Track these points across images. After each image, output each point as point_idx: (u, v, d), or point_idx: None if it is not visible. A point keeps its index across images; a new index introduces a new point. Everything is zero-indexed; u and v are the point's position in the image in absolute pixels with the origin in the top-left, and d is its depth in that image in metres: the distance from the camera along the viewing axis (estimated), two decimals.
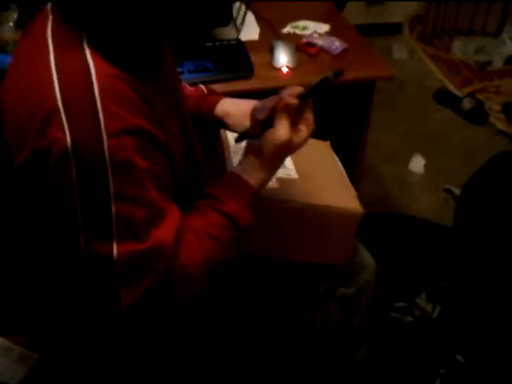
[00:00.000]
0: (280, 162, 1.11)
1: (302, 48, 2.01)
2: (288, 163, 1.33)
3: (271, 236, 1.25)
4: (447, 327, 1.92)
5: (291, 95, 1.06)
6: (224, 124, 1.37)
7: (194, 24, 0.99)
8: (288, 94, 1.07)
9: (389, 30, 4.02)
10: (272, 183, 1.19)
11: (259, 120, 1.10)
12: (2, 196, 1.10)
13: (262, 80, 1.86)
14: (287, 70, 1.90)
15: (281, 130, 1.04)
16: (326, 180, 1.35)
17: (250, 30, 2.10)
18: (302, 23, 2.18)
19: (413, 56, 3.89)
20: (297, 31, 2.15)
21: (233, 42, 1.98)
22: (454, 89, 3.48)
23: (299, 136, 1.07)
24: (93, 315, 1.19)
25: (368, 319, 1.56)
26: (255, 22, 2.17)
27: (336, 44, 2.03)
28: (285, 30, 2.15)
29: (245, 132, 1.15)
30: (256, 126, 1.10)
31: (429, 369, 1.82)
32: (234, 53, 1.94)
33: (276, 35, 2.10)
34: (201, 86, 1.46)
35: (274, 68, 1.91)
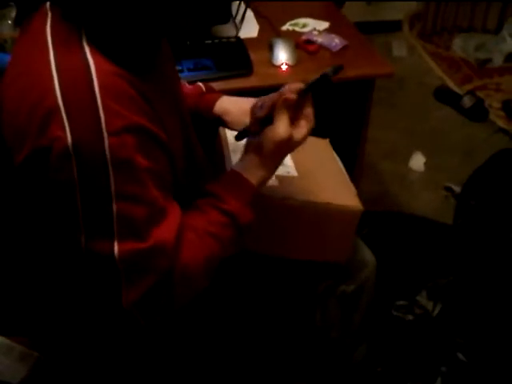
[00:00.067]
0: (280, 159, 1.10)
1: (302, 45, 2.00)
2: (287, 161, 1.33)
3: (271, 234, 1.25)
4: (448, 325, 1.92)
5: (291, 91, 1.06)
6: (223, 122, 1.36)
7: (193, 21, 0.98)
8: (287, 90, 1.06)
9: (389, 28, 4.02)
10: (271, 181, 1.19)
11: (259, 117, 1.09)
12: (2, 195, 1.10)
13: (262, 78, 1.85)
14: (286, 68, 1.89)
15: (280, 127, 1.04)
16: (326, 177, 1.35)
17: (250, 28, 2.10)
18: (302, 21, 2.18)
19: (413, 53, 3.88)
20: (296, 29, 2.14)
21: (232, 40, 1.97)
22: (454, 86, 3.48)
23: (299, 132, 1.06)
24: (94, 314, 1.19)
25: (368, 316, 1.55)
26: (254, 20, 2.16)
27: (335, 41, 2.02)
28: (284, 28, 2.15)
29: (244, 130, 1.14)
30: (256, 124, 1.09)
31: (430, 367, 1.81)
32: (234, 50, 1.93)
33: (275, 33, 2.09)
34: (199, 84, 1.46)
35: (274, 65, 1.90)
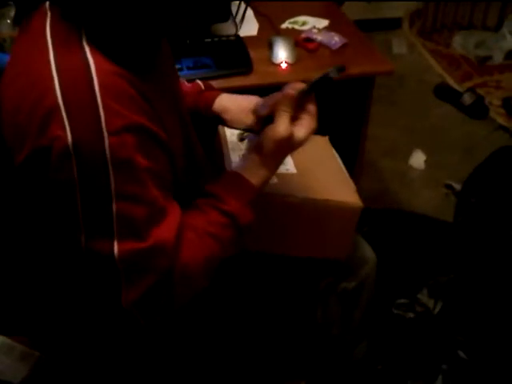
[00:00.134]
0: (281, 158, 1.10)
1: (301, 43, 2.00)
2: (287, 158, 1.32)
3: (271, 231, 1.24)
4: (449, 323, 1.92)
5: (292, 90, 1.06)
6: (222, 120, 1.36)
7: (193, 20, 0.98)
8: (289, 89, 1.06)
9: (388, 25, 4.02)
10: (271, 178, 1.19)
11: (261, 117, 1.09)
12: (3, 195, 1.10)
13: (261, 76, 1.85)
14: (286, 66, 1.89)
15: (280, 126, 1.04)
16: (325, 174, 1.35)
17: (249, 26, 2.10)
18: (301, 19, 2.18)
19: (413, 51, 3.88)
20: (296, 27, 2.14)
21: (232, 38, 1.97)
22: (454, 84, 3.48)
23: (300, 131, 1.06)
24: (94, 313, 1.19)
25: (369, 313, 1.55)
26: (254, 18, 2.16)
27: (335, 39, 2.02)
28: (284, 26, 2.14)
29: (247, 129, 1.14)
30: (258, 123, 1.09)
31: (431, 365, 1.81)
32: (233, 49, 1.93)
33: (275, 31, 2.09)
34: (198, 82, 1.45)
35: (273, 64, 1.90)
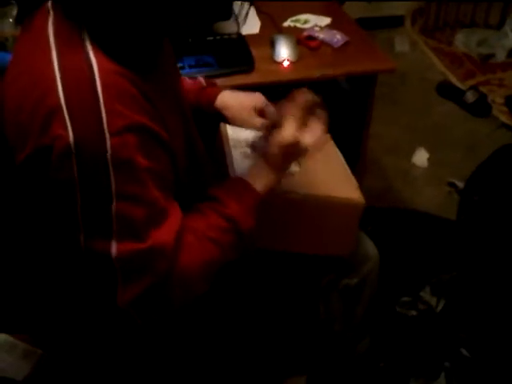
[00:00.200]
0: (286, 164, 1.10)
1: (303, 41, 2.00)
2: None
3: (273, 228, 1.24)
4: (451, 321, 1.92)
5: (302, 98, 1.06)
6: (223, 116, 1.36)
7: (195, 19, 0.98)
8: (299, 97, 1.06)
9: (391, 23, 4.01)
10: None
11: (272, 122, 1.09)
12: (3, 193, 1.10)
13: (263, 74, 1.85)
14: (288, 64, 1.89)
15: (286, 131, 1.04)
16: (327, 171, 1.34)
17: (251, 24, 2.09)
18: (303, 17, 2.18)
19: (415, 49, 3.87)
20: (298, 25, 2.14)
21: (233, 37, 1.97)
22: (457, 81, 3.47)
23: (307, 137, 1.06)
24: (94, 312, 1.19)
25: (372, 312, 1.55)
26: (256, 16, 2.16)
27: (337, 37, 2.02)
28: (285, 24, 2.14)
29: (257, 138, 1.14)
30: (269, 130, 1.09)
31: (433, 362, 1.81)
32: (235, 47, 1.93)
33: (277, 29, 2.09)
34: (200, 79, 1.45)
35: (275, 62, 1.90)
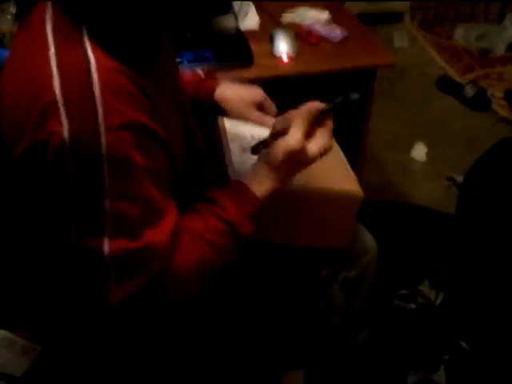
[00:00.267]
0: (289, 172, 1.09)
1: (303, 36, 2.00)
2: None
3: (270, 220, 1.22)
4: (450, 314, 1.92)
5: (311, 107, 1.06)
6: (221, 109, 1.36)
7: (194, 14, 0.98)
8: (308, 107, 1.06)
9: (390, 19, 4.00)
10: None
11: (277, 130, 1.09)
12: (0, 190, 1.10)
13: (262, 69, 1.85)
14: (287, 59, 1.89)
15: (293, 138, 1.03)
16: (325, 164, 1.33)
17: (250, 19, 2.09)
18: (303, 11, 2.17)
19: (414, 44, 3.87)
20: (297, 20, 2.13)
21: (232, 31, 1.96)
22: (456, 76, 3.47)
23: (314, 146, 1.05)
24: (90, 309, 1.18)
25: (371, 304, 1.55)
26: (255, 11, 2.15)
27: (336, 32, 2.02)
28: (285, 19, 2.14)
29: (262, 142, 1.14)
30: (274, 137, 1.09)
31: (433, 356, 1.82)
32: (234, 42, 1.92)
33: (276, 24, 2.08)
34: (198, 71, 1.45)
35: (274, 57, 1.90)
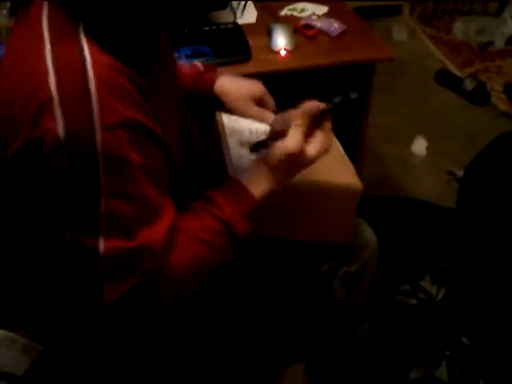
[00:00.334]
0: (288, 174, 1.09)
1: (300, 30, 1.99)
2: None
3: (269, 215, 1.21)
4: (452, 309, 1.92)
5: (309, 108, 1.04)
6: (220, 102, 1.34)
7: (191, 9, 0.97)
8: (307, 107, 1.05)
9: (389, 12, 3.99)
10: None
11: (276, 131, 1.07)
12: None
13: (261, 63, 1.84)
14: (285, 53, 1.88)
15: (292, 140, 1.02)
16: (324, 157, 1.32)
17: (248, 13, 2.08)
18: (300, 5, 2.16)
19: (413, 37, 3.86)
20: (295, 13, 2.12)
21: (230, 26, 1.95)
22: (456, 70, 3.46)
23: (313, 148, 1.05)
24: (88, 308, 1.17)
25: (372, 297, 1.55)
26: (252, 5, 2.14)
27: (334, 26, 2.01)
28: (283, 13, 2.12)
29: (260, 142, 1.13)
30: (273, 138, 1.08)
31: (434, 351, 1.81)
32: (232, 36, 1.91)
33: (274, 18, 2.07)
34: (197, 64, 1.44)
35: (272, 51, 1.89)
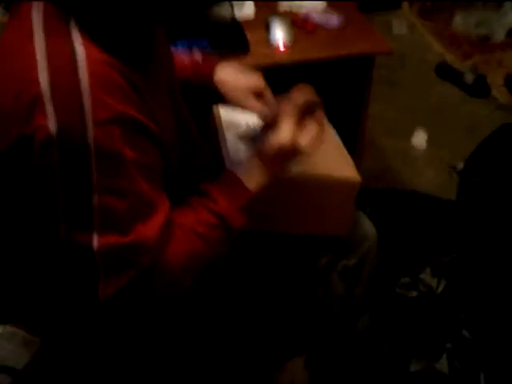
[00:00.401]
0: (282, 165, 1.09)
1: (299, 24, 1.98)
2: None
3: (268, 209, 1.21)
4: (452, 302, 1.92)
5: (301, 94, 1.04)
6: (219, 92, 1.34)
7: (189, 3, 0.96)
8: (298, 95, 1.05)
9: (388, 6, 3.97)
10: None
11: (268, 122, 1.07)
12: None
13: (259, 57, 1.83)
14: (284, 47, 1.87)
15: (283, 132, 1.02)
16: (323, 150, 1.32)
17: (246, 7, 2.06)
18: None
19: (413, 31, 3.84)
20: (293, 7, 2.11)
21: (228, 20, 1.95)
22: (456, 62, 3.44)
23: (305, 138, 1.05)
24: (82, 304, 1.18)
25: (371, 289, 1.55)
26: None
27: (333, 19, 2.01)
28: (281, 7, 2.12)
29: (253, 133, 1.13)
30: (265, 128, 1.08)
31: (435, 344, 1.81)
32: (229, 31, 1.91)
33: (272, 12, 2.06)
34: (196, 53, 1.43)
35: (271, 45, 1.88)
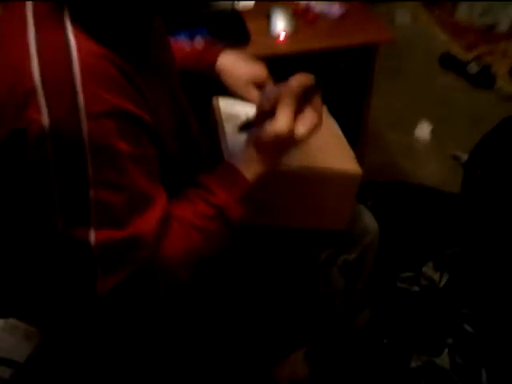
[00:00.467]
0: (280, 154, 1.07)
1: (300, 14, 1.97)
2: None
3: (268, 203, 1.20)
4: (454, 296, 1.91)
5: (297, 83, 1.01)
6: (221, 80, 1.32)
7: None
8: (295, 83, 1.02)
9: None
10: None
11: (264, 110, 1.05)
12: None
13: (260, 47, 1.82)
14: (285, 37, 1.86)
15: (281, 121, 1.00)
16: (323, 142, 1.30)
17: None
18: None
19: (416, 21, 3.82)
20: None
21: (228, 10, 1.93)
22: (460, 53, 3.42)
23: (303, 126, 1.02)
24: (80, 299, 1.16)
25: (373, 286, 1.54)
26: None
27: (334, 9, 2.00)
28: None
29: (249, 122, 1.11)
30: (261, 116, 1.05)
31: (437, 338, 1.80)
32: (230, 20, 1.90)
33: (273, 1, 2.03)
34: (199, 41, 1.41)
35: (271, 35, 1.87)
